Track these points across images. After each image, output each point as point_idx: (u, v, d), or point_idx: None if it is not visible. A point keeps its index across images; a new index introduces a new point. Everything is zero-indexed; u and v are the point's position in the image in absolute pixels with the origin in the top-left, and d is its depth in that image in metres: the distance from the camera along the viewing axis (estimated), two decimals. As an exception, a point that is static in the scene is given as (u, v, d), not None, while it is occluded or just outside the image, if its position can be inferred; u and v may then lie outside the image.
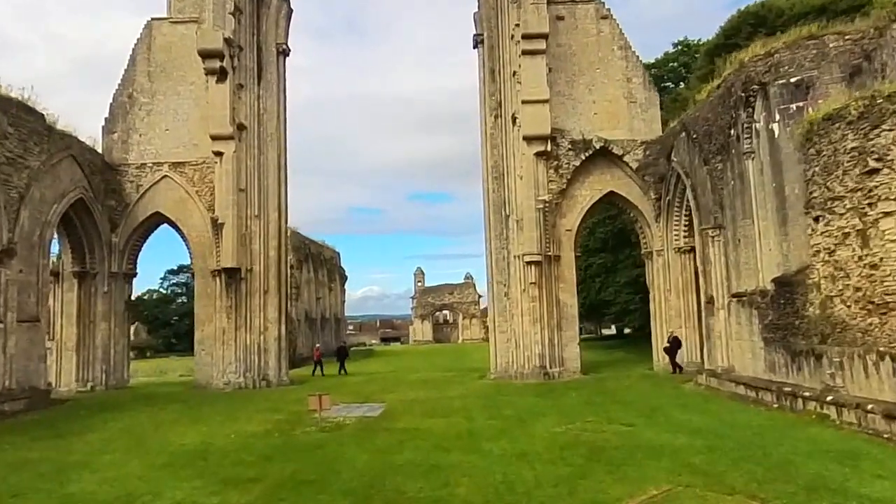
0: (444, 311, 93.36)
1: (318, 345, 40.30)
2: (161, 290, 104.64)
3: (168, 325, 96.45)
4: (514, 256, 28.07)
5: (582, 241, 34.57)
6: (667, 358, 27.83)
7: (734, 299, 21.43)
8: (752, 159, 20.28)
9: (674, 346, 27.48)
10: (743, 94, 20.51)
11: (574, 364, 28.04)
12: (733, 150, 21.32)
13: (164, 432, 17.25)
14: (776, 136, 19.23)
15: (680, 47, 42.21)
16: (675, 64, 41.99)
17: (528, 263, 27.41)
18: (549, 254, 27.91)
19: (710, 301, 23.22)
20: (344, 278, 70.91)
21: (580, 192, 28.86)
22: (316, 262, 60.28)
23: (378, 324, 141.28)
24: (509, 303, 28.42)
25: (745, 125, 20.44)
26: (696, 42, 41.19)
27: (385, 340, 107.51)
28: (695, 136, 24.36)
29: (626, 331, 59.00)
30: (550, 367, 27.35)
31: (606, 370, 29.37)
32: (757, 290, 19.97)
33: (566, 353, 28.02)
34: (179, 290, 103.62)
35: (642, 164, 28.38)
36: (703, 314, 24.13)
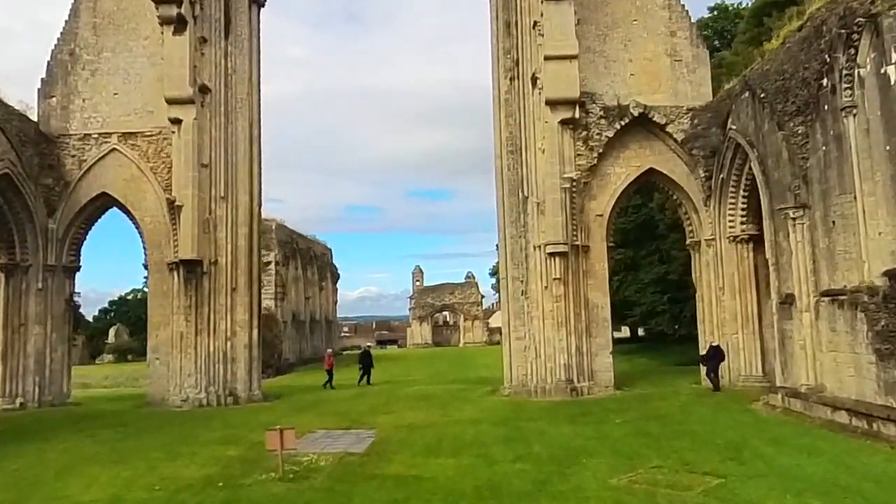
0: (445, 313, 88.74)
1: (329, 350, 35.64)
2: (145, 289, 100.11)
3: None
4: (534, 247, 23.51)
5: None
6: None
7: (826, 299, 16.87)
8: (854, 116, 15.73)
9: (714, 357, 22.94)
10: (842, 32, 15.95)
11: (606, 377, 23.49)
12: (825, 107, 16.77)
13: (67, 479, 12.69)
14: (892, 82, 14.68)
15: (716, 12, 37.69)
16: (709, 32, 37.43)
17: (551, 255, 22.85)
18: (577, 243, 23.35)
19: (787, 301, 18.67)
20: (336, 277, 66.36)
21: (614, 169, 24.28)
22: (304, 259, 55.73)
23: (374, 325, 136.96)
24: (527, 303, 23.86)
25: (845, 72, 15.88)
26: (735, 5, 36.72)
27: (381, 343, 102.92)
28: (763, 95, 19.81)
29: (641, 333, 54.44)
30: (578, 382, 22.78)
31: (643, 384, 24.81)
32: (862, 287, 15.41)
33: (596, 365, 23.46)
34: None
35: (689, 134, 23.82)
36: (775, 318, 19.58)
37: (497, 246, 28.58)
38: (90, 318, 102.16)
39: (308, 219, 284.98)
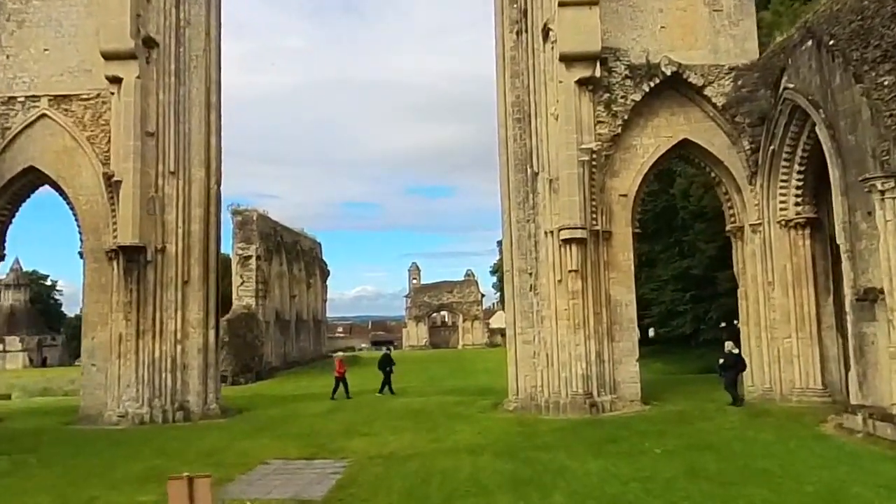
0: (443, 312, 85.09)
1: (339, 354, 31.59)
2: None
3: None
4: (546, 233, 19.76)
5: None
6: (769, 384, 19.57)
7: (930, 293, 13.16)
8: (975, 52, 12.02)
9: (734, 367, 19.27)
10: (958, -58, 12.25)
11: (631, 390, 19.75)
12: (928, 45, 13.05)
13: None
14: None
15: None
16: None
17: (566, 242, 19.11)
18: (597, 228, 19.62)
19: (868, 297, 14.91)
20: (326, 273, 62.59)
21: (640, 140, 20.55)
22: (290, 254, 51.97)
23: (370, 326, 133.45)
24: (538, 300, 20.11)
25: (962, -6, 12.18)
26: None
27: (376, 345, 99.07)
28: (833, 42, 16.06)
29: (650, 335, 50.73)
30: (599, 395, 19.05)
31: (673, 398, 21.03)
32: None
33: (620, 374, 19.72)
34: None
35: (732, 98, 20.05)
36: (850, 318, 15.81)
37: (499, 242, 25.18)
38: (72, 316, 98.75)
39: (303, 216, 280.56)
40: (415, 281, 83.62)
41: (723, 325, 33.01)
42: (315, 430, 17.75)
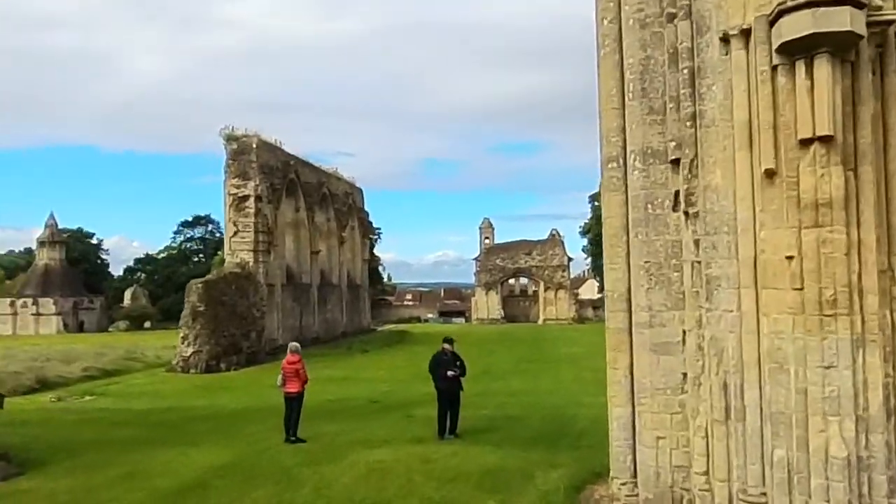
0: (521, 279, 72.75)
1: (294, 346, 14.01)
2: (174, 245, 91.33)
3: (181, 289, 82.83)
4: (729, 35, 7.12)
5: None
6: None
7: None
8: None
9: None
10: None
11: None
12: None
13: None
14: None
15: None
16: None
17: (798, 56, 6.47)
18: (880, 21, 6.83)
19: None
20: (368, 226, 51.48)
21: None
22: (312, 198, 40.99)
23: (442, 294, 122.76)
24: (697, 232, 7.58)
25: None
26: None
27: (444, 315, 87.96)
28: None
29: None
30: (894, 518, 6.52)
31: None
32: None
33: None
34: (196, 247, 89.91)
35: None
36: None
37: (591, 197, 13.00)
38: (115, 277, 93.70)
39: (383, 173, 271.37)
40: (487, 240, 71.38)
41: None
42: None
